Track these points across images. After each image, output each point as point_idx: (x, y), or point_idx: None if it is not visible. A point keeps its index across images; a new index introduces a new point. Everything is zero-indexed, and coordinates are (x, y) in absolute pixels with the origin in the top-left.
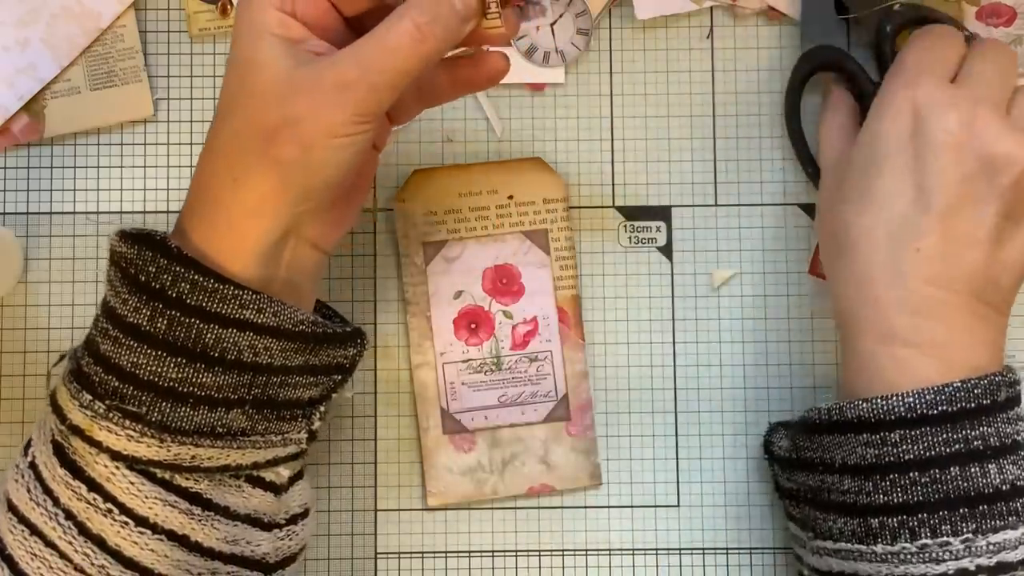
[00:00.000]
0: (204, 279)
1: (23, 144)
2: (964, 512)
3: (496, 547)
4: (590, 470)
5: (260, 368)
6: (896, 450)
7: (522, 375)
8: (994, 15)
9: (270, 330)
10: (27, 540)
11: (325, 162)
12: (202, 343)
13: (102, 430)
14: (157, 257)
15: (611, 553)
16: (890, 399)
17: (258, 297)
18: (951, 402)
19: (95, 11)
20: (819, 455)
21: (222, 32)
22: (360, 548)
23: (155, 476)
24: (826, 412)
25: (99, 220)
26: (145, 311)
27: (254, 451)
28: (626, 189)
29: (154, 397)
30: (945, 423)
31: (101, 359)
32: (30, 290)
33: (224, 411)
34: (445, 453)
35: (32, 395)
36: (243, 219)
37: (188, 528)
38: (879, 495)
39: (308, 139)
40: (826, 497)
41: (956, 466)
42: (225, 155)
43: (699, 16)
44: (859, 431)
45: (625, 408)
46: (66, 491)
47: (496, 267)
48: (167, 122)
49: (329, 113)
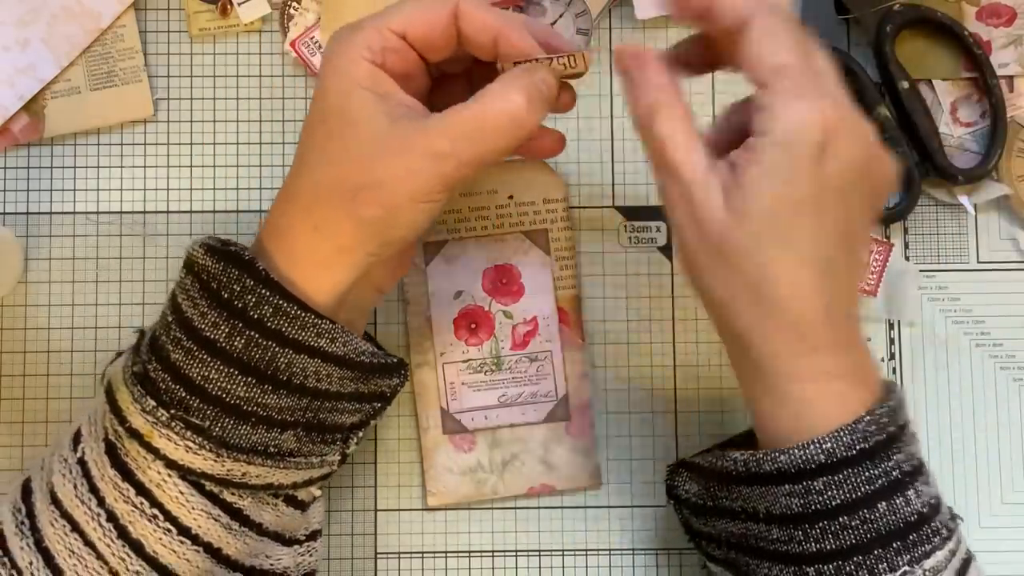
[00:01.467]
0: (288, 304)
1: (23, 144)
2: (897, 546)
3: (496, 547)
4: (590, 470)
5: (318, 394)
6: (822, 498)
7: (522, 375)
8: (994, 15)
9: (336, 359)
10: (67, 536)
11: (406, 223)
12: (274, 365)
13: (162, 438)
14: (244, 277)
15: (611, 553)
16: (808, 448)
17: (334, 327)
18: (866, 439)
19: (95, 11)
20: (740, 504)
21: (222, 32)
22: (360, 548)
23: (204, 488)
24: (743, 464)
25: (99, 220)
26: (224, 328)
27: (296, 472)
28: (626, 189)
29: (219, 412)
30: (864, 461)
31: (170, 367)
32: (30, 290)
33: (279, 432)
34: (445, 453)
35: (32, 395)
36: (318, 267)
37: (224, 542)
38: (811, 543)
39: (393, 202)
40: (755, 544)
41: (883, 501)
42: (306, 204)
43: None
44: (780, 482)
45: (625, 408)
46: (113, 491)
47: (496, 267)
48: (167, 122)
49: (416, 181)
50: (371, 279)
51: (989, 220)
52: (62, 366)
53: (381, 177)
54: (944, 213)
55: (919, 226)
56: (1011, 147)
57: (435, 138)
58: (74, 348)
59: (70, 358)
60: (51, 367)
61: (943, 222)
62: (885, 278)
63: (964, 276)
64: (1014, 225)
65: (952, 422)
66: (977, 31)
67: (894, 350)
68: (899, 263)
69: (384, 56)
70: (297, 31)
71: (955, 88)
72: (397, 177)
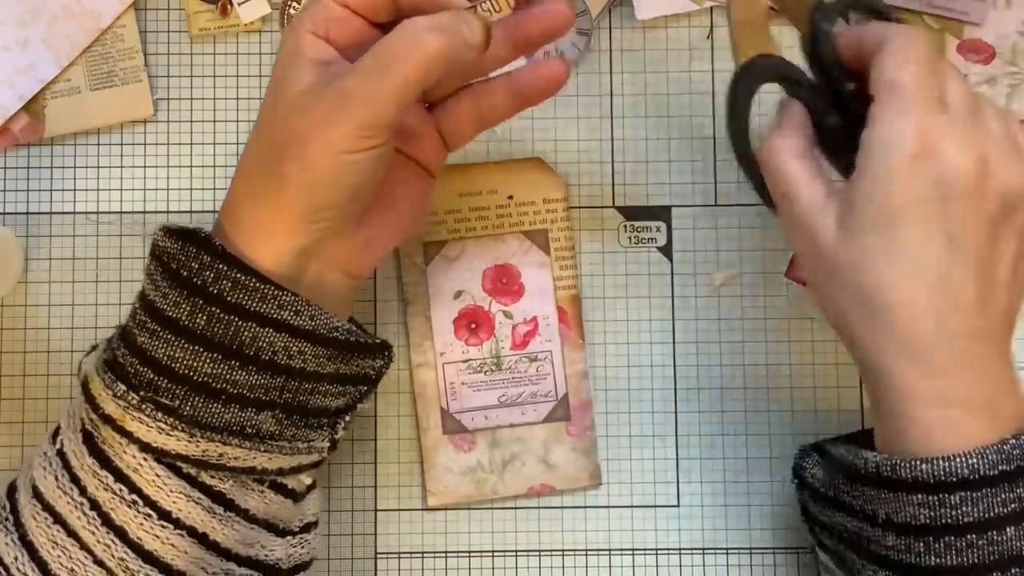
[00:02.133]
0: (246, 277)
1: (23, 144)
2: (1016, 572)
3: (496, 547)
4: (590, 470)
5: (292, 372)
6: (955, 512)
7: (522, 375)
8: (974, 51)
9: (305, 334)
10: (50, 528)
11: (331, 181)
12: (239, 340)
13: (134, 421)
14: (200, 253)
15: (611, 553)
16: (953, 460)
17: (296, 299)
18: (1009, 461)
19: (95, 11)
20: (860, 504)
21: (222, 32)
22: (360, 548)
23: (181, 471)
24: (874, 465)
25: (99, 220)
26: (185, 306)
27: (280, 456)
28: (626, 189)
29: (187, 391)
30: (1003, 483)
31: (137, 351)
32: (30, 290)
33: (254, 412)
34: (445, 453)
35: (32, 395)
36: (256, 233)
37: (208, 526)
38: (930, 556)
39: (312, 156)
40: (866, 545)
41: (1012, 526)
42: (247, 171)
43: (699, 16)
44: (913, 491)
45: (625, 408)
46: (93, 480)
47: (496, 267)
48: (167, 122)
49: (329, 128)
50: (333, 258)
51: None
52: (62, 366)
53: (299, 130)
54: None
55: None
56: None
57: (343, 79)
58: (74, 348)
59: (70, 358)
60: (51, 367)
61: None
62: None
63: None
64: None
65: None
66: (956, 63)
67: None
68: None
69: (327, 27)
70: None
71: None
72: (311, 128)
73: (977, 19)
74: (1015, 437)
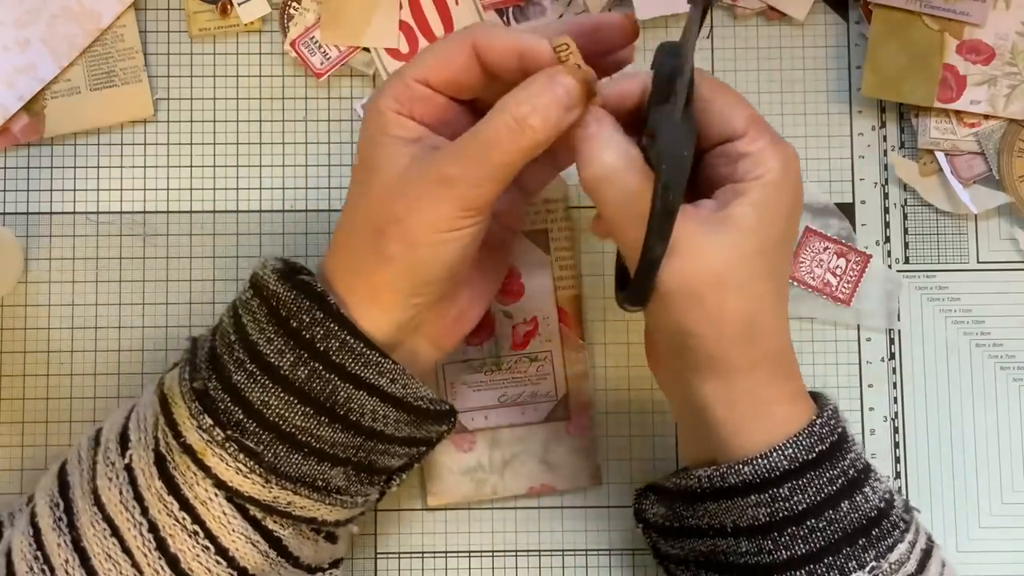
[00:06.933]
0: (355, 341)
1: (23, 144)
2: (863, 542)
3: (496, 547)
4: (590, 470)
5: (373, 434)
6: (788, 503)
7: (522, 375)
8: (974, 52)
9: (394, 400)
10: (106, 540)
11: (431, 258)
12: (334, 399)
13: (214, 456)
14: (313, 309)
15: (611, 553)
16: (771, 456)
17: (396, 368)
18: (823, 440)
19: (95, 11)
20: (706, 521)
21: (222, 32)
22: (360, 548)
23: (247, 512)
24: (707, 479)
25: (99, 220)
26: (289, 356)
27: (340, 510)
28: None
29: (273, 438)
30: (824, 462)
31: (231, 389)
32: (30, 290)
33: (329, 467)
34: (445, 453)
35: (32, 395)
36: (356, 310)
37: (259, 569)
38: (781, 551)
39: (413, 236)
40: (723, 559)
41: (845, 500)
42: (347, 250)
43: None
44: (746, 494)
45: (625, 408)
46: (157, 503)
47: None
48: (167, 122)
49: (432, 210)
50: (425, 332)
51: (989, 220)
52: (62, 366)
53: (399, 212)
54: (944, 213)
55: (919, 226)
56: (1011, 147)
57: (443, 163)
58: (74, 348)
59: (70, 358)
60: (51, 367)
61: (943, 222)
62: (864, 287)
63: (964, 276)
64: (1014, 225)
65: (952, 422)
66: (955, 64)
67: (894, 350)
68: (881, 271)
69: (411, 106)
70: (297, 31)
71: None
72: (413, 210)
73: (977, 19)
74: (818, 417)
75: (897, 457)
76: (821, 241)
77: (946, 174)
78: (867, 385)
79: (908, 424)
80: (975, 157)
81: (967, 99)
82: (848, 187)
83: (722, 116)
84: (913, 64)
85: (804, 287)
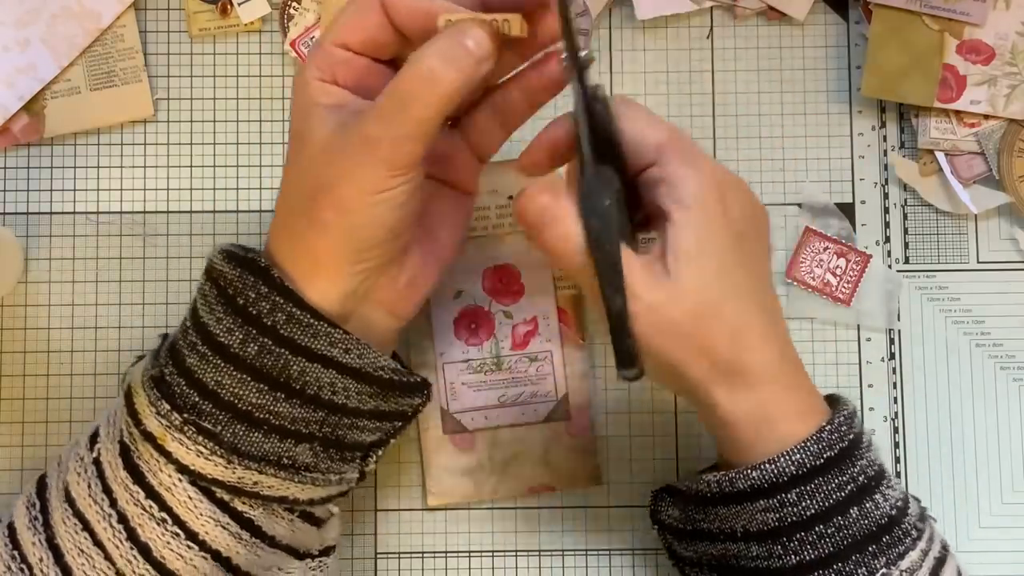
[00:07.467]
0: (301, 312)
1: (23, 144)
2: (873, 549)
3: (496, 547)
4: (590, 470)
5: (335, 407)
6: (796, 509)
7: (522, 375)
8: (974, 51)
9: (352, 371)
10: (77, 535)
11: (367, 221)
12: (287, 373)
13: (174, 441)
14: (258, 283)
15: (611, 553)
16: (778, 461)
17: (347, 337)
18: (831, 446)
19: (95, 11)
20: (717, 526)
21: (222, 32)
22: (360, 548)
23: (214, 495)
24: (716, 484)
25: (99, 220)
26: (238, 334)
27: (313, 488)
28: None
29: (231, 418)
30: (832, 468)
31: (186, 372)
32: (30, 290)
33: (293, 443)
34: (445, 453)
35: (32, 395)
36: (300, 281)
37: (232, 551)
38: (790, 556)
39: (345, 201)
40: (735, 564)
41: (854, 507)
42: (286, 223)
43: (699, 16)
44: (754, 498)
45: (625, 408)
46: (124, 493)
47: (496, 267)
48: (167, 122)
49: (360, 174)
50: (377, 299)
51: (989, 220)
52: (62, 366)
53: (329, 179)
54: (944, 213)
55: (919, 226)
56: (1011, 147)
57: (364, 125)
58: (74, 348)
59: (70, 358)
60: (51, 367)
61: (943, 222)
62: (864, 287)
63: (964, 276)
64: (1014, 225)
65: (952, 422)
66: (955, 64)
67: (894, 350)
68: (880, 271)
69: (334, 71)
70: (297, 31)
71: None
72: (342, 175)
73: (977, 19)
74: (828, 423)
75: (897, 457)
76: (821, 241)
77: (946, 174)
78: (867, 385)
79: (908, 424)
80: (975, 157)
81: (967, 99)
82: (848, 187)
83: (634, 144)
84: (913, 64)
85: (804, 287)
